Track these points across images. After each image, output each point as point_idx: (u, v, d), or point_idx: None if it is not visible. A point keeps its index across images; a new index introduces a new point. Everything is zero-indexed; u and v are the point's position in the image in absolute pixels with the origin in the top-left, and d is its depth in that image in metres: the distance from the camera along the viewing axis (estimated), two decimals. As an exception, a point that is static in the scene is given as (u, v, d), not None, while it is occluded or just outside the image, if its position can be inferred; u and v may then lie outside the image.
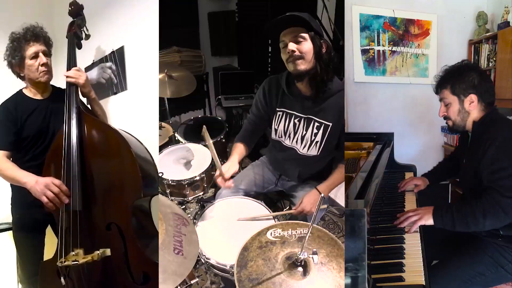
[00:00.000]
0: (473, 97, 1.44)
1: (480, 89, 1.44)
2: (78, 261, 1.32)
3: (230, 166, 1.63)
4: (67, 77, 1.59)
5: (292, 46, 1.44)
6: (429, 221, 1.37)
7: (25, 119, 1.64)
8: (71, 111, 1.51)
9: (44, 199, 1.41)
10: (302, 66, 1.46)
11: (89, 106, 1.78)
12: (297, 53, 1.44)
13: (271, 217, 1.55)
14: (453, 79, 1.47)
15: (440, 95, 1.53)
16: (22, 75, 1.69)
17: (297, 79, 1.52)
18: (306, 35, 1.44)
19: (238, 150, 1.75)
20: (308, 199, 1.59)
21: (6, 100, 1.68)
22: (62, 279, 1.37)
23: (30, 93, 1.72)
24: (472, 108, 1.45)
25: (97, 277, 1.40)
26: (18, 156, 1.64)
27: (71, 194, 1.42)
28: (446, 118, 1.53)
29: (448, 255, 1.44)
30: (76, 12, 1.83)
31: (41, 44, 1.65)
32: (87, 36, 1.89)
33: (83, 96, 1.70)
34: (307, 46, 1.44)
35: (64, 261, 1.33)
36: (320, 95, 1.53)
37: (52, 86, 1.80)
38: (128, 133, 1.57)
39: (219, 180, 1.57)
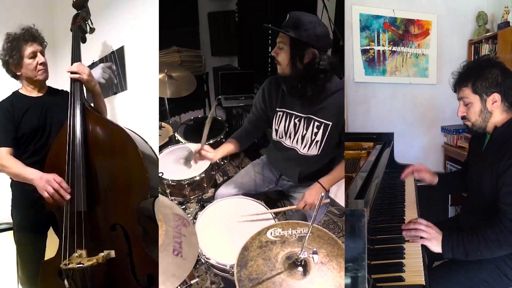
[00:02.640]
0: (496, 96, 1.32)
1: (504, 87, 1.32)
2: (83, 264, 1.30)
3: (209, 149, 1.75)
4: (70, 73, 1.58)
5: (274, 51, 1.54)
6: (436, 248, 1.28)
7: (21, 115, 1.64)
8: (75, 108, 1.50)
9: (45, 194, 1.42)
10: (280, 71, 1.57)
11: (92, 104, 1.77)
12: (276, 58, 1.54)
13: (272, 215, 1.55)
14: (474, 76, 1.34)
15: (459, 94, 1.40)
16: (18, 74, 1.70)
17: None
18: (286, 41, 1.49)
19: (225, 145, 1.85)
20: (309, 192, 1.59)
21: (2, 100, 1.69)
22: (66, 282, 1.34)
23: (25, 91, 1.74)
24: (494, 108, 1.34)
25: (101, 279, 1.38)
26: (17, 153, 1.64)
27: (75, 195, 1.41)
28: (464, 118, 1.42)
29: (452, 260, 1.40)
30: (81, 4, 1.82)
31: (38, 45, 1.70)
32: (92, 30, 1.87)
33: (88, 91, 1.69)
34: (284, 53, 1.51)
35: (68, 264, 1.31)
36: (319, 95, 1.54)
37: (48, 86, 1.81)
38: (132, 131, 1.55)
39: (196, 156, 1.75)
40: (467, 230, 1.29)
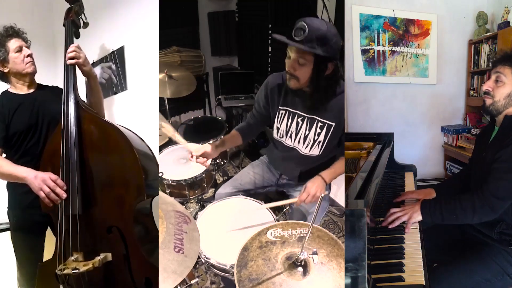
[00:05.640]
0: None
1: None
2: (78, 269, 1.27)
3: (204, 147, 1.67)
4: (67, 58, 1.56)
5: (290, 66, 1.45)
6: (417, 217, 1.37)
7: (12, 114, 1.63)
8: (69, 108, 1.46)
9: (41, 194, 1.39)
10: (294, 85, 1.50)
11: (86, 102, 1.75)
12: (293, 73, 1.46)
13: (272, 215, 1.55)
14: None
15: (496, 68, 1.40)
16: (5, 71, 1.69)
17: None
18: (309, 58, 1.41)
19: (228, 136, 1.82)
20: (312, 184, 1.57)
21: None
22: (62, 287, 1.32)
23: (15, 89, 1.72)
24: None
25: (98, 282, 1.35)
26: (10, 153, 1.63)
27: (70, 198, 1.38)
28: (487, 93, 1.42)
29: (454, 259, 1.42)
30: None
31: (22, 40, 1.70)
32: (86, 24, 1.83)
33: (84, 75, 1.66)
34: (305, 69, 1.44)
35: (64, 269, 1.28)
36: (326, 98, 1.53)
37: (38, 83, 1.79)
38: (129, 129, 1.52)
39: (191, 159, 1.65)
40: (445, 197, 1.38)
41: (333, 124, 1.57)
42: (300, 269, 1.09)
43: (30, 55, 1.69)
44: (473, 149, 1.73)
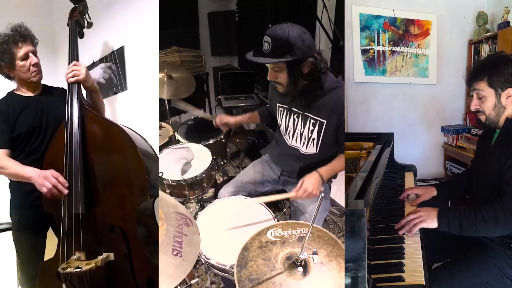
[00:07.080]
0: (511, 91, 1.37)
1: None
2: (81, 268, 1.28)
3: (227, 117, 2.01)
4: (67, 77, 1.57)
5: (270, 75, 1.55)
6: (432, 224, 1.30)
7: (17, 116, 1.63)
8: (72, 108, 1.47)
9: (44, 189, 1.41)
10: (281, 90, 1.60)
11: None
12: (275, 80, 1.56)
13: (272, 215, 1.55)
14: (491, 71, 1.39)
15: (473, 87, 1.44)
16: (11, 75, 1.68)
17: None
18: (282, 65, 1.49)
19: (249, 114, 2.09)
20: (309, 180, 1.54)
21: None
22: (64, 286, 1.32)
23: (20, 92, 1.73)
24: (509, 103, 1.38)
25: (100, 282, 1.36)
26: (15, 154, 1.63)
27: (73, 197, 1.39)
28: (478, 112, 1.45)
29: (454, 260, 1.42)
30: None
31: (28, 45, 1.66)
32: (90, 24, 1.84)
33: (86, 90, 1.66)
34: (282, 75, 1.52)
35: (66, 267, 1.29)
36: (316, 94, 1.56)
37: (43, 84, 1.79)
38: (131, 129, 1.53)
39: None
40: (465, 207, 1.31)
41: (325, 121, 1.58)
42: (300, 269, 1.09)
43: (36, 64, 1.66)
44: (476, 151, 1.74)
